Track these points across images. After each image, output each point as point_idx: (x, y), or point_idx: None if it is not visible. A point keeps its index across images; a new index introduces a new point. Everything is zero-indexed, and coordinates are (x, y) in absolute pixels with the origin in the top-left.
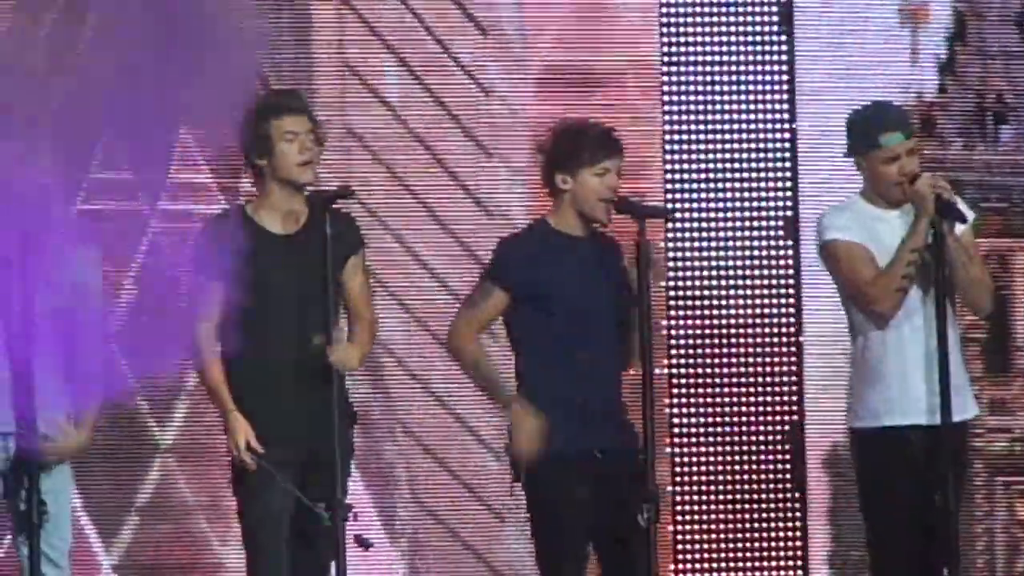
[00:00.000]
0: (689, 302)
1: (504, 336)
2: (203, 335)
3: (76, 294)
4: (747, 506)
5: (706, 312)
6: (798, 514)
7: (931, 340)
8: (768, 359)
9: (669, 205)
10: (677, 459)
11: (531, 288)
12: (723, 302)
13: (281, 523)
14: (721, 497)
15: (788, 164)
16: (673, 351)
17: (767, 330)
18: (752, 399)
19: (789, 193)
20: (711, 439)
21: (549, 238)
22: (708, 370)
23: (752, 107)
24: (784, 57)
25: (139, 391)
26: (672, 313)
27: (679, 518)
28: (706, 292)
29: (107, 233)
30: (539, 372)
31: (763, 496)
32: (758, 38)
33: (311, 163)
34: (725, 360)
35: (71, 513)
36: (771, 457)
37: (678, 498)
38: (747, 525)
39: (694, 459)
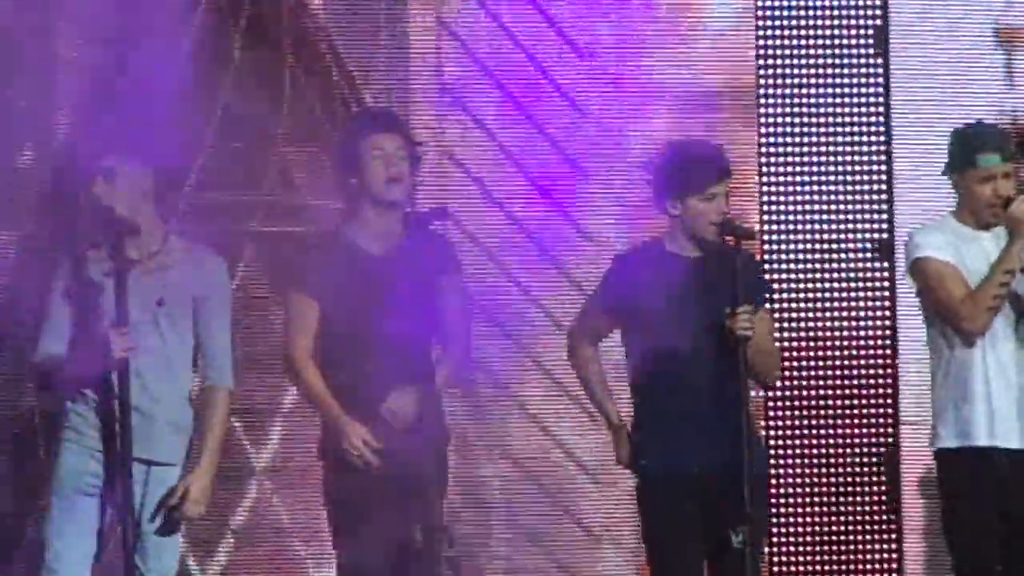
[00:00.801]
0: (784, 324)
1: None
2: (301, 350)
3: None
4: (843, 527)
5: (801, 335)
6: (894, 536)
7: (1011, 366)
8: (864, 381)
9: (764, 228)
10: (773, 479)
11: (636, 307)
12: (818, 324)
13: (377, 546)
14: (817, 520)
15: (884, 187)
16: None
17: (862, 352)
18: (848, 421)
19: (884, 216)
20: (807, 461)
21: (662, 259)
22: (804, 392)
23: (847, 129)
24: (880, 79)
25: (234, 412)
26: None
27: (775, 540)
28: (801, 315)
29: None
30: (648, 388)
31: (859, 519)
32: (854, 60)
33: (400, 180)
34: (820, 383)
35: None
36: (866, 479)
37: (774, 520)
38: (843, 548)
39: (789, 481)
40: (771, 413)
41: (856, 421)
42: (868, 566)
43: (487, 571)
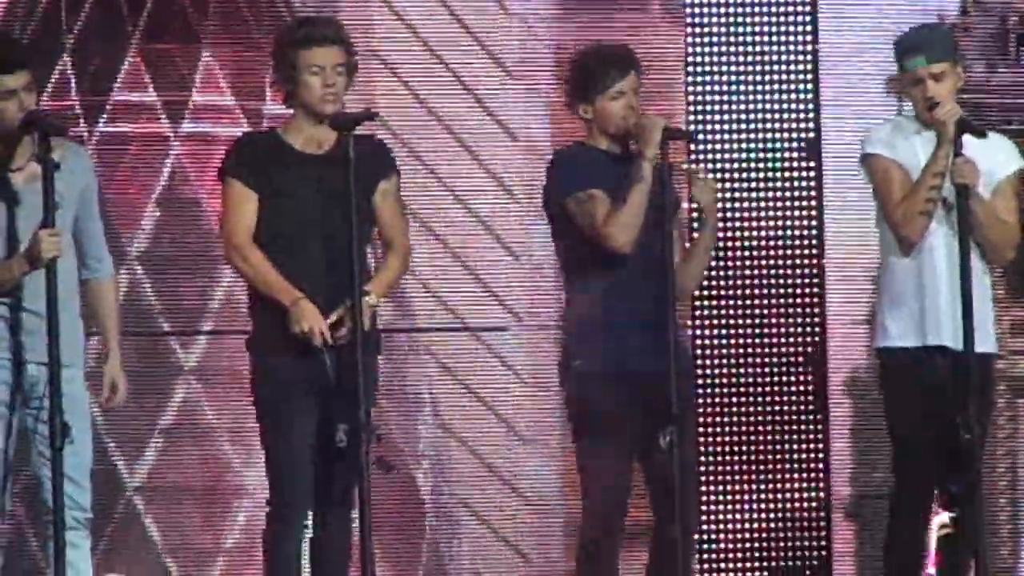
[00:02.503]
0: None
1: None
2: (244, 233)
3: None
4: (770, 428)
5: (728, 234)
6: (820, 436)
7: (955, 270)
8: (790, 282)
9: (692, 128)
10: (699, 382)
11: None
12: (745, 224)
13: (304, 446)
14: (744, 420)
15: (810, 85)
16: None
17: (789, 252)
18: (774, 322)
19: (811, 113)
20: (733, 361)
21: (592, 154)
22: (731, 292)
23: (774, 27)
24: None
25: (162, 312)
26: (693, 235)
27: (702, 441)
28: (727, 214)
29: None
30: (581, 291)
31: (786, 419)
32: None
33: (336, 96)
34: (747, 283)
35: (92, 430)
36: (793, 380)
37: (700, 421)
38: (770, 447)
39: (716, 381)
40: (698, 314)
41: (783, 321)
42: (795, 466)
43: (413, 471)
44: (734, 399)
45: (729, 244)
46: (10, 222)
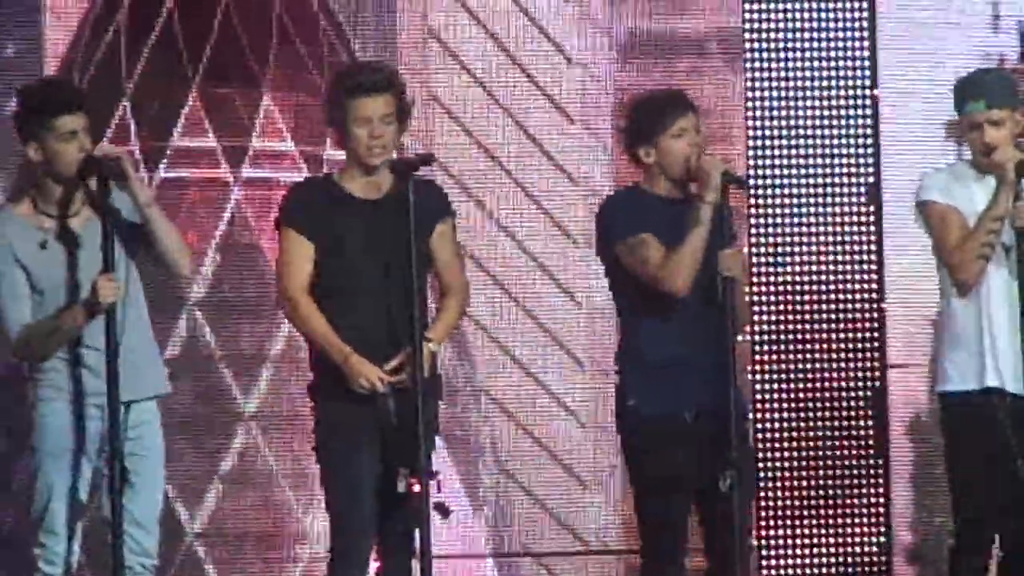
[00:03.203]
0: (772, 268)
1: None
2: (298, 285)
3: None
4: (831, 471)
5: (789, 279)
6: (881, 480)
7: (1015, 313)
8: (851, 325)
9: (751, 172)
10: (759, 424)
11: None
12: (806, 268)
13: (365, 491)
14: (804, 463)
15: (870, 131)
16: (756, 318)
17: (850, 296)
18: (835, 365)
19: (871, 159)
20: (794, 404)
21: (648, 200)
22: (792, 335)
23: (834, 74)
24: (866, 24)
25: (222, 358)
26: (755, 280)
27: (762, 484)
28: (788, 259)
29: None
30: (638, 334)
31: (846, 463)
32: (840, 5)
33: (384, 148)
34: (809, 326)
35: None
36: (854, 423)
37: (761, 464)
38: (830, 491)
39: (777, 424)
40: (759, 357)
41: (844, 364)
42: (855, 510)
43: (475, 517)
44: (794, 443)
45: (790, 288)
46: (71, 267)
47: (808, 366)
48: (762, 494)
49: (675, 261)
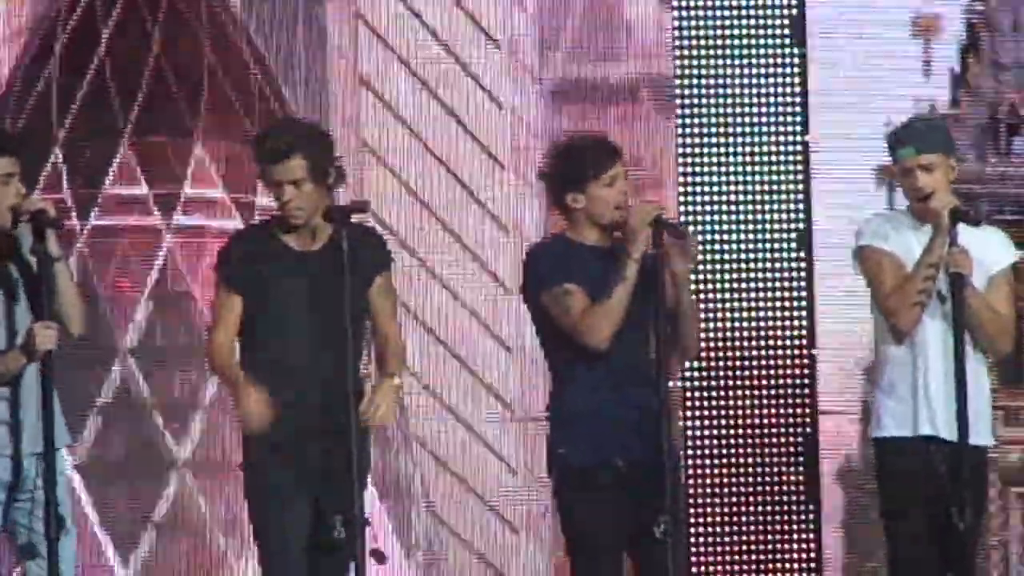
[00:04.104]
0: (704, 315)
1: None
2: (219, 345)
3: None
4: (762, 517)
5: (719, 325)
6: (812, 526)
7: (950, 361)
8: (782, 371)
9: (682, 218)
10: (691, 471)
11: None
12: (737, 315)
13: (297, 538)
14: (736, 509)
15: (801, 176)
16: (687, 364)
17: (780, 343)
18: (766, 411)
19: (802, 205)
20: (725, 451)
21: (573, 250)
22: (722, 383)
23: (765, 120)
24: (797, 70)
25: (155, 406)
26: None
27: (694, 531)
28: (719, 305)
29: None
30: (566, 382)
31: (777, 509)
32: (771, 51)
33: (299, 207)
34: (739, 374)
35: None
36: (785, 469)
37: (692, 511)
38: (762, 537)
39: (708, 471)
40: (690, 404)
41: (774, 411)
42: (787, 556)
43: (408, 562)
44: (725, 488)
45: (720, 334)
46: (8, 314)
47: (738, 412)
48: (695, 542)
49: (597, 315)
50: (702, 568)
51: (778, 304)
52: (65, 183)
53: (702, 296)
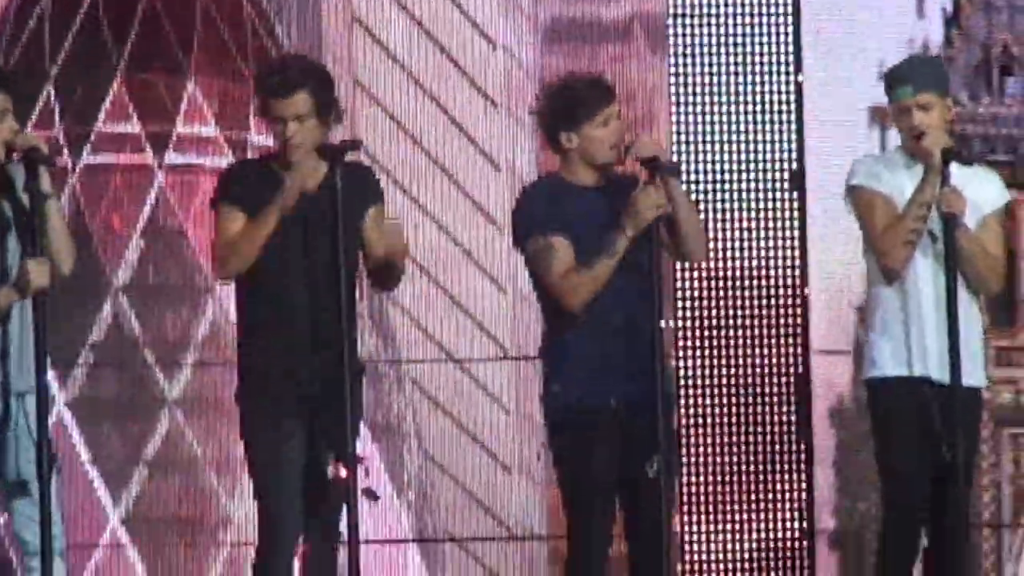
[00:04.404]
0: None
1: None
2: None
3: None
4: (753, 457)
5: (711, 265)
6: (803, 465)
7: (941, 301)
8: (774, 311)
9: (674, 157)
10: (684, 411)
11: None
12: (728, 255)
13: (292, 476)
14: (727, 449)
15: (793, 116)
16: (680, 304)
17: (773, 282)
18: (758, 351)
19: (795, 145)
20: (717, 391)
21: (567, 191)
22: (715, 322)
23: (758, 59)
24: (790, 10)
25: (146, 344)
26: (677, 266)
27: (686, 469)
28: (711, 245)
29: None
30: (560, 325)
31: (769, 447)
32: None
33: (299, 144)
34: (731, 313)
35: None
36: (777, 409)
37: (684, 449)
38: (753, 477)
39: (699, 410)
40: (683, 344)
41: (767, 351)
42: (778, 496)
43: (399, 502)
44: (717, 428)
45: (713, 274)
46: (0, 251)
47: (731, 352)
48: (684, 480)
49: (576, 282)
50: (694, 508)
51: (770, 244)
52: (57, 120)
53: None
